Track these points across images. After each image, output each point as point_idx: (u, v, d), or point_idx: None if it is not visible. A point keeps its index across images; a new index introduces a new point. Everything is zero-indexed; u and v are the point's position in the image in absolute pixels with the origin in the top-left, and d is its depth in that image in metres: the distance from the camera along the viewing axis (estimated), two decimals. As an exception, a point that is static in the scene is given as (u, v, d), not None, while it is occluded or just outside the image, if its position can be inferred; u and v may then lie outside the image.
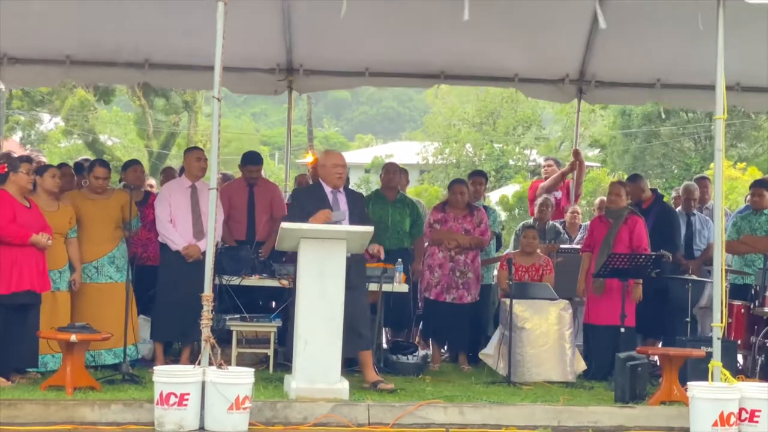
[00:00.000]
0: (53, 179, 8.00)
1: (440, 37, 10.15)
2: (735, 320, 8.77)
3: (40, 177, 7.96)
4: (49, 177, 7.98)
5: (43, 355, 7.78)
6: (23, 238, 7.43)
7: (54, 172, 8.07)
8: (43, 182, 7.96)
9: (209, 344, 6.80)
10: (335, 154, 8.20)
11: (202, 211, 8.35)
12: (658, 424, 7.22)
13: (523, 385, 8.32)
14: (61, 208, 8.04)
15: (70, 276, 8.07)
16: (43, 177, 7.97)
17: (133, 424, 6.64)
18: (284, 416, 6.90)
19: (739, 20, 7.55)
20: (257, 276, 8.68)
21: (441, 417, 7.07)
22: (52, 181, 7.99)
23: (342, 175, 7.90)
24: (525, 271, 9.27)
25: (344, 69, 11.04)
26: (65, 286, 8.04)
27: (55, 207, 8.01)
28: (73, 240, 8.12)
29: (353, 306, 7.51)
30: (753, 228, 9.31)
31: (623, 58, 10.67)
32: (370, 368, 7.82)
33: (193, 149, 9.06)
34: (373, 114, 71.73)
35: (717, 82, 7.17)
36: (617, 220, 9.01)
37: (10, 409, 6.60)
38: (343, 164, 7.93)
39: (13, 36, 9.89)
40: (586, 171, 13.16)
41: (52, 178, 7.99)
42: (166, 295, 8.40)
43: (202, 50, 8.12)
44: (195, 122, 37.44)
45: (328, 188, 7.86)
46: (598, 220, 9.42)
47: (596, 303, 8.96)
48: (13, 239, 7.41)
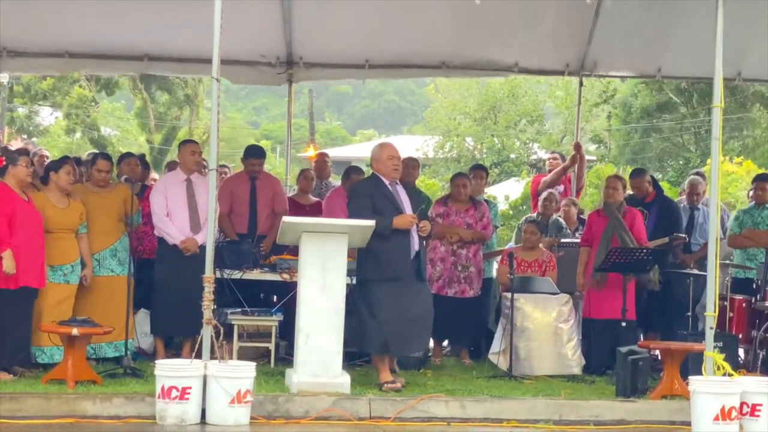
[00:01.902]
0: (68, 175, 7.96)
1: (440, 28, 10.15)
2: (736, 314, 8.78)
3: (55, 173, 7.93)
4: (64, 173, 7.94)
5: (50, 347, 7.76)
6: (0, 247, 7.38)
7: (69, 168, 8.01)
8: (58, 178, 7.92)
9: (211, 326, 6.79)
10: (388, 145, 7.99)
11: (199, 204, 8.34)
12: (660, 418, 7.23)
13: (524, 379, 8.32)
14: (71, 204, 8.02)
15: (81, 271, 8.07)
16: (58, 173, 7.93)
17: (134, 418, 6.65)
18: (286, 410, 6.90)
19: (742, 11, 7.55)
20: (258, 270, 8.68)
21: (442, 411, 7.07)
22: (66, 177, 7.95)
23: (398, 167, 7.75)
24: (528, 266, 9.26)
25: (344, 61, 11.03)
26: (75, 280, 8.03)
27: (65, 203, 7.98)
28: (83, 236, 8.10)
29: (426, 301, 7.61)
30: (755, 222, 9.29)
31: (624, 49, 10.66)
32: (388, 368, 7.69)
33: (188, 142, 9.04)
34: (375, 108, 71.67)
35: (715, 69, 7.17)
36: (613, 219, 8.97)
37: (11, 402, 6.61)
38: (398, 155, 7.78)
39: (13, 30, 9.88)
40: (587, 165, 13.14)
41: (67, 175, 7.95)
42: (164, 290, 8.38)
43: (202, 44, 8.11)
44: (196, 116, 37.47)
45: (386, 180, 7.72)
46: (596, 214, 9.40)
47: (596, 297, 8.95)
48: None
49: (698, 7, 7.42)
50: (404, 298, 7.51)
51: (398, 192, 7.75)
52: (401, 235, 7.57)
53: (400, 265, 7.55)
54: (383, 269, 7.54)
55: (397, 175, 7.78)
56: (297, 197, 10.18)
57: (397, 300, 7.48)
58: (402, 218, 7.55)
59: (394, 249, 7.55)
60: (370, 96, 72.22)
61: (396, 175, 7.76)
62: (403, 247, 7.58)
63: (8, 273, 7.31)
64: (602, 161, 33.51)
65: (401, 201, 7.71)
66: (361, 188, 7.90)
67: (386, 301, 7.48)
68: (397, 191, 7.75)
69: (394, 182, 7.76)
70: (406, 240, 7.59)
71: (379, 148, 7.95)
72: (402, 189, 7.82)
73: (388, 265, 7.52)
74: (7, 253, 7.33)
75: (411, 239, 7.62)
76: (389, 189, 7.70)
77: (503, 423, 7.01)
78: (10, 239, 7.40)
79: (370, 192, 7.68)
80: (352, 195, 7.96)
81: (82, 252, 8.08)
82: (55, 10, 9.68)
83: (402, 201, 7.71)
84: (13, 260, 7.34)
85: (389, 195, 7.66)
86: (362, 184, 8.07)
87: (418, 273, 7.66)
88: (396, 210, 7.61)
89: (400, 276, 7.54)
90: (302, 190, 10.29)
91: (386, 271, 7.53)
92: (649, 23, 9.89)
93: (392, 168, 7.71)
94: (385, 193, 7.66)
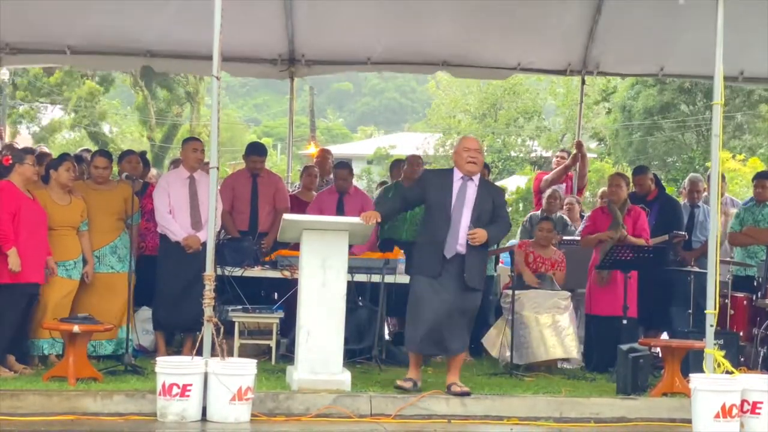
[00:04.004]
0: (68, 172, 7.98)
1: (442, 26, 10.14)
2: (737, 312, 8.76)
3: (55, 171, 7.95)
4: (64, 170, 7.96)
5: (38, 339, 7.80)
6: (5, 245, 7.37)
7: (69, 165, 8.04)
8: (58, 176, 7.94)
9: (212, 324, 6.79)
10: (468, 138, 7.69)
11: (201, 201, 8.35)
12: (660, 416, 7.24)
13: (525, 376, 8.32)
14: (73, 202, 8.04)
15: (83, 268, 8.07)
16: (58, 171, 7.95)
17: (135, 415, 6.65)
18: (286, 407, 6.90)
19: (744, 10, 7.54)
20: (259, 267, 8.68)
21: (443, 408, 7.08)
22: (67, 174, 7.97)
23: (475, 159, 7.32)
24: (542, 262, 9.23)
25: (346, 58, 11.02)
26: (77, 276, 8.04)
27: (67, 200, 8.00)
28: (84, 233, 8.11)
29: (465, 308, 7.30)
30: (756, 219, 9.28)
31: (626, 48, 10.65)
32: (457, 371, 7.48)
33: (190, 140, 9.05)
34: (376, 105, 71.67)
35: (715, 67, 7.17)
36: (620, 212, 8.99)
37: (12, 399, 6.62)
38: (476, 148, 7.39)
39: (15, 26, 9.88)
40: (588, 163, 13.13)
41: (67, 172, 7.97)
42: (166, 287, 8.38)
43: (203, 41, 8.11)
44: (197, 113, 37.46)
45: (458, 175, 7.35)
46: (600, 211, 9.40)
47: (598, 293, 8.94)
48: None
49: (700, 6, 7.40)
50: (433, 297, 7.23)
51: (466, 188, 7.33)
52: (436, 232, 7.27)
53: (430, 264, 7.28)
54: (415, 264, 7.49)
55: (474, 169, 7.33)
56: (301, 194, 10.19)
57: (426, 297, 7.25)
58: (363, 215, 7.33)
59: (425, 246, 7.36)
60: (371, 93, 72.24)
61: (472, 169, 7.31)
62: (436, 245, 7.25)
63: (13, 270, 7.33)
64: (603, 159, 33.49)
65: (462, 198, 7.27)
66: (426, 176, 7.77)
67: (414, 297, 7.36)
68: (465, 187, 7.33)
69: (467, 178, 7.35)
70: (439, 239, 7.26)
71: (459, 139, 7.74)
72: (476, 185, 7.34)
73: (419, 260, 7.41)
74: (13, 251, 7.35)
75: (451, 239, 7.26)
76: (453, 185, 7.31)
77: (504, 420, 7.01)
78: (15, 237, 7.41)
79: (427, 182, 7.47)
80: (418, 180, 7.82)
81: (84, 249, 8.09)
82: (57, 7, 9.68)
83: (466, 198, 7.27)
84: (18, 258, 7.35)
85: (447, 189, 7.29)
86: (429, 172, 7.82)
87: (457, 277, 7.23)
88: (443, 206, 7.26)
89: (432, 274, 7.25)
90: (306, 187, 10.30)
91: (416, 266, 7.45)
92: (652, 22, 9.88)
93: (466, 160, 7.32)
94: (443, 185, 7.32)
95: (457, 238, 7.26)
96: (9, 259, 7.33)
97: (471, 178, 7.38)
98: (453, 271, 7.25)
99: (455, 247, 7.27)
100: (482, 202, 7.34)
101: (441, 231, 7.27)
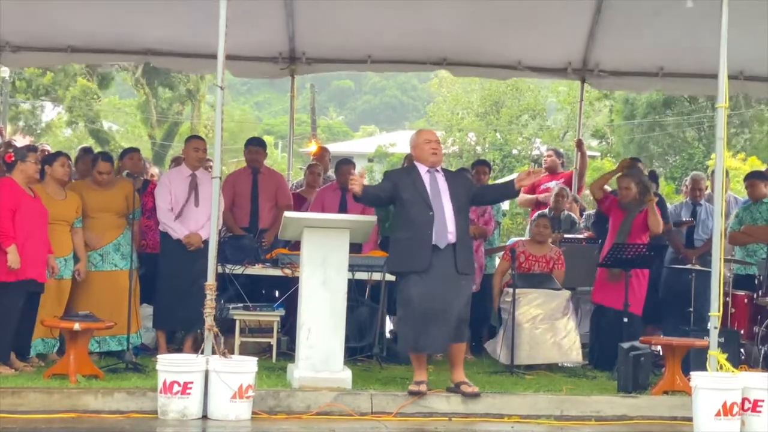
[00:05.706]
0: (63, 168, 8.02)
1: (442, 25, 10.14)
2: (738, 310, 8.76)
3: (50, 166, 7.98)
4: (58, 165, 8.00)
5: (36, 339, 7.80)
6: (4, 242, 7.37)
7: (63, 160, 8.08)
8: (53, 171, 7.97)
9: (212, 333, 6.80)
10: (425, 130, 7.74)
11: (202, 199, 8.34)
12: (661, 414, 7.23)
13: (525, 374, 8.32)
14: (68, 197, 8.07)
15: (74, 265, 8.07)
16: (53, 166, 7.99)
17: (136, 413, 6.65)
18: (287, 405, 6.91)
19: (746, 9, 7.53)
20: (260, 265, 8.69)
21: (444, 406, 7.08)
22: (62, 170, 8.01)
23: (436, 150, 7.33)
24: (535, 261, 9.18)
25: (347, 57, 11.02)
26: (68, 275, 8.04)
27: (62, 195, 8.04)
28: (78, 230, 8.12)
29: (461, 295, 7.14)
30: (754, 218, 9.29)
31: (626, 47, 10.65)
32: (460, 365, 7.35)
33: (193, 138, 9.06)
34: (377, 103, 71.66)
35: (719, 70, 7.13)
36: (632, 211, 8.94)
37: (13, 397, 6.62)
38: (436, 139, 7.43)
39: (15, 24, 9.88)
40: (588, 162, 13.11)
41: (61, 167, 8.01)
42: (167, 284, 8.39)
43: (204, 40, 8.12)
44: (198, 111, 37.46)
45: (424, 168, 7.32)
46: (617, 202, 9.17)
47: (609, 286, 8.85)
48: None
49: (700, 6, 7.37)
50: (427, 290, 7.07)
51: (436, 180, 7.29)
52: (420, 227, 7.15)
53: (418, 258, 7.12)
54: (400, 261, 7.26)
55: (436, 159, 7.33)
56: (304, 192, 10.19)
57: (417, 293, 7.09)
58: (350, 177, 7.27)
59: (409, 241, 7.17)
60: (372, 91, 72.24)
61: (435, 160, 7.31)
62: (422, 239, 7.13)
63: (12, 267, 7.33)
64: (605, 157, 33.48)
65: (436, 189, 7.23)
66: (391, 174, 7.61)
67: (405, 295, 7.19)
68: (435, 180, 7.30)
69: (434, 170, 7.33)
70: (425, 232, 7.14)
71: (415, 134, 7.63)
72: (442, 177, 7.34)
73: (405, 257, 7.20)
74: (12, 248, 7.35)
75: (438, 229, 7.13)
76: (423, 178, 7.27)
77: (504, 418, 7.01)
78: (15, 234, 7.41)
79: (395, 180, 7.36)
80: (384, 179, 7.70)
81: (76, 246, 8.10)
82: (58, 5, 9.68)
83: (440, 188, 7.23)
84: (18, 255, 7.35)
85: (418, 183, 7.24)
86: (392, 172, 7.75)
87: (448, 266, 7.12)
88: (422, 199, 7.17)
89: (421, 268, 7.09)
90: (309, 185, 10.29)
91: (402, 263, 7.23)
92: (652, 22, 9.87)
93: (429, 152, 7.31)
94: (413, 181, 7.27)
95: (446, 227, 7.16)
96: (8, 256, 7.33)
97: (437, 169, 7.38)
98: (443, 262, 7.12)
99: (446, 236, 7.15)
100: (455, 187, 7.34)
101: (425, 224, 7.15)
